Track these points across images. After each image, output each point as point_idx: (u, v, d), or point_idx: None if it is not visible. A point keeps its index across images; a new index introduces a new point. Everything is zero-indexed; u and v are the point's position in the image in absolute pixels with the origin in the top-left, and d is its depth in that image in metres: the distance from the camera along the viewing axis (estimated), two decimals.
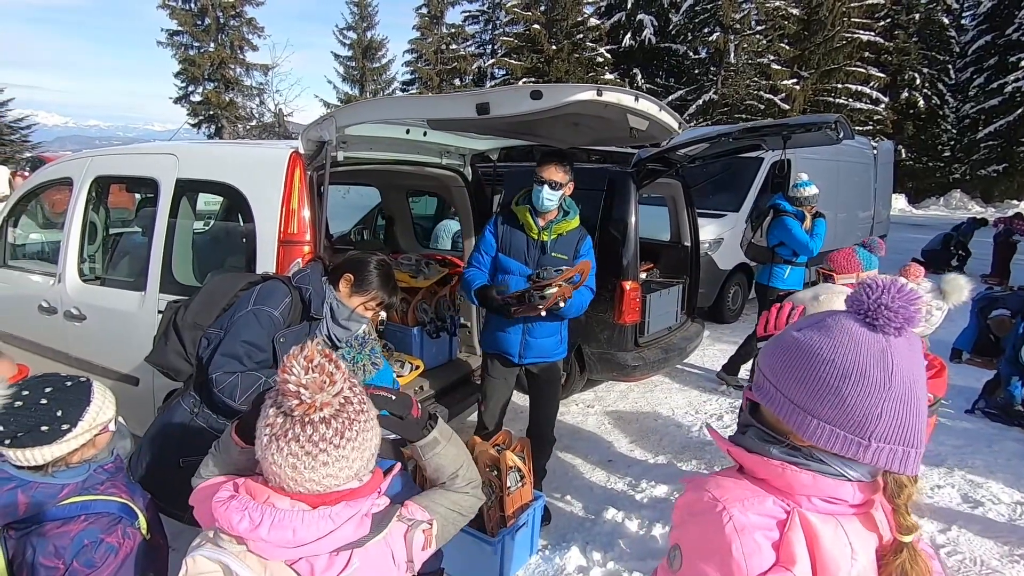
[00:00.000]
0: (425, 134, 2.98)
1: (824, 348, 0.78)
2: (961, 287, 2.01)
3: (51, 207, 4.05)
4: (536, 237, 2.66)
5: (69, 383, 1.29)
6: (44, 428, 1.23)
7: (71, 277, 3.16)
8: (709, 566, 0.78)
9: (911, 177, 25.76)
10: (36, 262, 3.66)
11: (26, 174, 9.24)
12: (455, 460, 1.20)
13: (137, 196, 4.18)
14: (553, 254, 2.68)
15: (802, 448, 0.80)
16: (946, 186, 25.83)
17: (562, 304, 2.50)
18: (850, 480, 0.79)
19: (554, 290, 2.48)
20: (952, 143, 26.09)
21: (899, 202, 22.86)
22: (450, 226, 5.49)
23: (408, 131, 2.88)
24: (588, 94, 1.92)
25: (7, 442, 1.21)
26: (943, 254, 10.58)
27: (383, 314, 3.49)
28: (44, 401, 1.24)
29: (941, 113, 25.87)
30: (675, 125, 2.66)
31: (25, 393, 1.24)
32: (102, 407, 1.31)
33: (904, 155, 24.93)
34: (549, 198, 2.57)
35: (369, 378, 1.48)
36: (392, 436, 1.58)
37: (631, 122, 2.35)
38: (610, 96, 2.02)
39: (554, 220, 2.66)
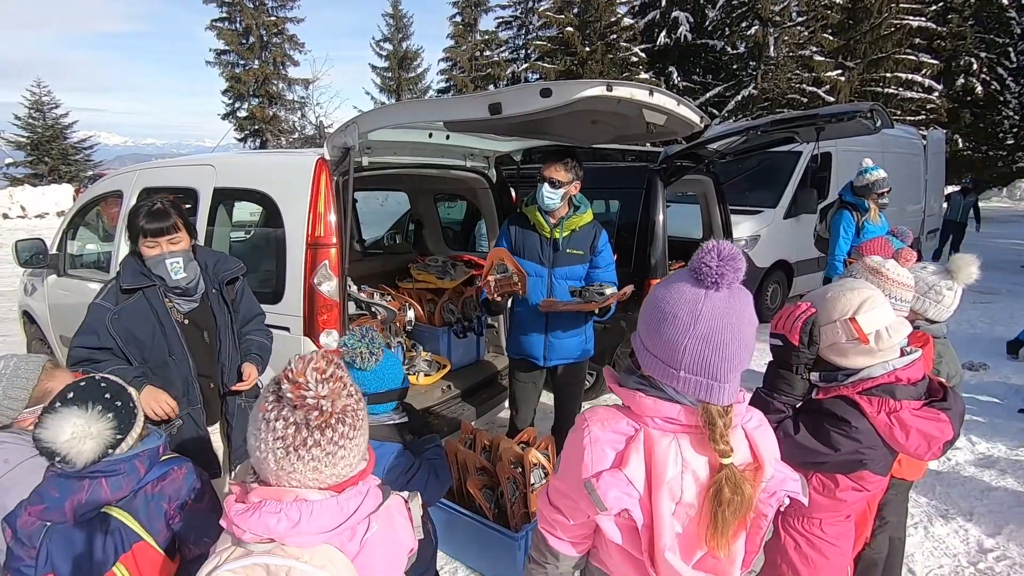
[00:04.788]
0: (448, 137, 3.03)
1: (659, 295, 1.00)
2: (968, 263, 1.90)
3: (108, 220, 4.31)
4: (548, 235, 2.67)
5: (97, 377, 1.38)
6: (131, 419, 1.37)
7: None
8: (570, 467, 1.02)
9: (970, 168, 24.33)
10: (92, 271, 3.90)
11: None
12: None
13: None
14: (568, 251, 2.68)
15: (648, 378, 1.02)
16: (1009, 176, 24.30)
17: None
18: (680, 404, 0.98)
19: (612, 291, 2.59)
20: (1015, 130, 24.53)
21: None
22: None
23: (431, 135, 2.94)
24: (598, 89, 1.91)
25: (119, 436, 1.33)
26: None
27: (410, 314, 3.58)
28: (108, 396, 1.33)
29: (1002, 99, 24.33)
30: (695, 119, 2.62)
31: (100, 396, 1.33)
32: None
33: (961, 144, 23.60)
34: (550, 196, 2.57)
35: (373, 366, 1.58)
36: (392, 421, 1.64)
37: (647, 117, 2.32)
38: (621, 91, 2.00)
39: (565, 216, 2.65)
